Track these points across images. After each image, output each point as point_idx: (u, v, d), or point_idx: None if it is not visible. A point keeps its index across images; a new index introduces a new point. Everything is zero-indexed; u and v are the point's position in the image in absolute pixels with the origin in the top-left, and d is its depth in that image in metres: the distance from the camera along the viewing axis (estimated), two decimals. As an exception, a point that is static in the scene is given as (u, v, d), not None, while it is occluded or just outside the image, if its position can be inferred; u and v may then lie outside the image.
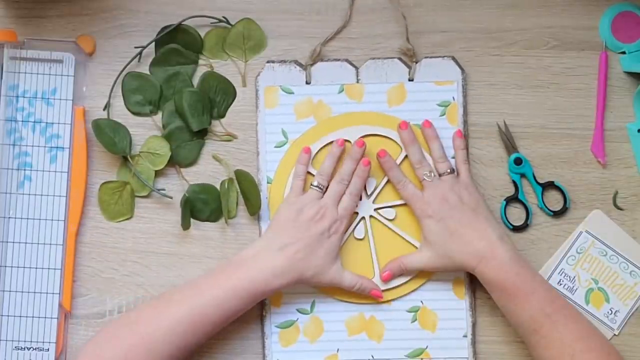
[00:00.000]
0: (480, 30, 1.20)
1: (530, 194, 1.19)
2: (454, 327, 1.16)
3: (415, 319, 1.16)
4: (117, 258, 1.17)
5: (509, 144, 1.18)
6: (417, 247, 1.16)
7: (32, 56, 1.18)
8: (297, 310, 1.16)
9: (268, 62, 1.19)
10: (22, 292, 1.15)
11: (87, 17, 1.19)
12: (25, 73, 1.17)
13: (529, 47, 1.20)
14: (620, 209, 1.19)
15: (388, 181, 1.17)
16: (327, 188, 1.14)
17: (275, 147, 1.18)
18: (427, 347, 1.16)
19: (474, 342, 1.16)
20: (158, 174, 1.18)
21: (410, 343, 1.16)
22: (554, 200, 1.18)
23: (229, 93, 1.19)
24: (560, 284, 1.17)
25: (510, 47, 1.20)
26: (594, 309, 1.17)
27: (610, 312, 1.17)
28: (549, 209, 1.17)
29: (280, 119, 1.18)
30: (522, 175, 1.18)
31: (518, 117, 1.19)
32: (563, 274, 1.18)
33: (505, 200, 1.18)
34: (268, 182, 1.17)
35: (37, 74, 1.18)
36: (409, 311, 1.17)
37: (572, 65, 1.20)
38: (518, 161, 1.18)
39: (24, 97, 1.17)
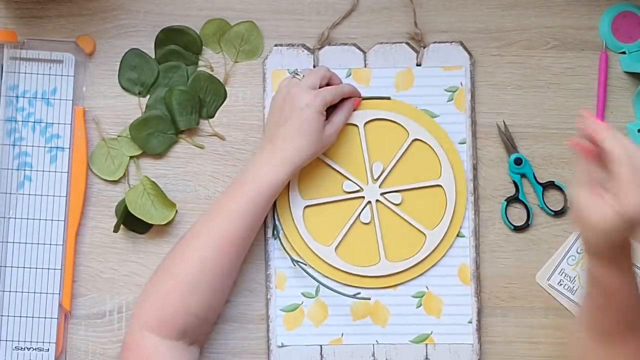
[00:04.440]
0: (480, 30, 1.20)
1: (530, 194, 1.18)
2: (459, 313, 1.16)
3: (421, 304, 1.16)
4: (117, 258, 1.17)
5: (509, 144, 1.18)
6: (423, 233, 1.16)
7: (32, 56, 1.18)
8: (302, 294, 1.16)
9: (276, 45, 1.19)
10: (22, 292, 1.15)
11: (87, 17, 1.20)
12: (25, 73, 1.17)
13: (529, 47, 1.20)
14: (621, 209, 1.18)
15: (394, 165, 1.17)
16: None
17: None
18: (431, 332, 1.16)
19: (479, 328, 1.16)
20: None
21: (415, 328, 1.16)
22: (554, 200, 1.18)
23: (219, 94, 1.19)
24: (561, 284, 1.17)
25: (510, 47, 1.20)
26: (594, 309, 1.17)
27: (610, 312, 1.17)
28: (549, 209, 1.17)
29: None
30: (523, 175, 1.18)
31: (518, 117, 1.19)
32: (563, 274, 1.18)
33: (505, 200, 1.18)
34: None
35: (37, 74, 1.18)
36: (415, 296, 1.16)
37: (572, 65, 1.20)
38: (518, 161, 1.18)
39: (24, 97, 1.17)
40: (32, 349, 1.15)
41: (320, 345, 1.16)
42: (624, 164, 0.89)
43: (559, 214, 1.18)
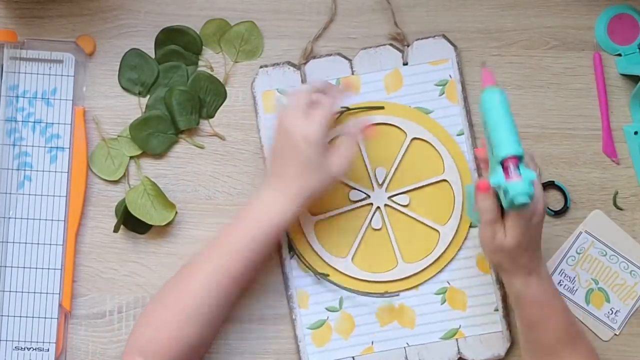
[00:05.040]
0: (480, 30, 1.20)
1: (530, 194, 1.19)
2: (484, 302, 1.16)
3: (445, 300, 1.16)
4: (117, 258, 1.17)
5: (509, 144, 1.18)
6: (436, 229, 1.16)
7: (32, 56, 1.18)
8: (326, 308, 1.16)
9: (261, 67, 1.19)
10: (22, 292, 1.15)
11: (87, 17, 1.20)
12: (25, 73, 1.17)
13: (529, 47, 1.20)
14: (620, 209, 1.19)
15: (397, 168, 1.17)
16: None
17: None
18: (460, 326, 1.16)
19: (506, 315, 1.16)
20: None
21: (443, 325, 1.16)
22: (554, 200, 1.18)
23: (219, 94, 1.19)
24: (560, 285, 1.17)
25: (510, 47, 1.20)
26: (594, 309, 1.17)
27: (610, 312, 1.17)
28: (549, 209, 1.17)
29: None
30: (523, 175, 1.18)
31: (518, 117, 1.19)
32: (563, 275, 1.18)
33: (505, 200, 1.18)
34: None
35: (37, 74, 1.18)
36: (437, 293, 1.16)
37: (572, 65, 1.20)
38: (518, 161, 1.18)
39: (24, 97, 1.17)
40: (32, 349, 1.14)
41: (353, 357, 1.16)
42: None
43: (559, 214, 1.18)
